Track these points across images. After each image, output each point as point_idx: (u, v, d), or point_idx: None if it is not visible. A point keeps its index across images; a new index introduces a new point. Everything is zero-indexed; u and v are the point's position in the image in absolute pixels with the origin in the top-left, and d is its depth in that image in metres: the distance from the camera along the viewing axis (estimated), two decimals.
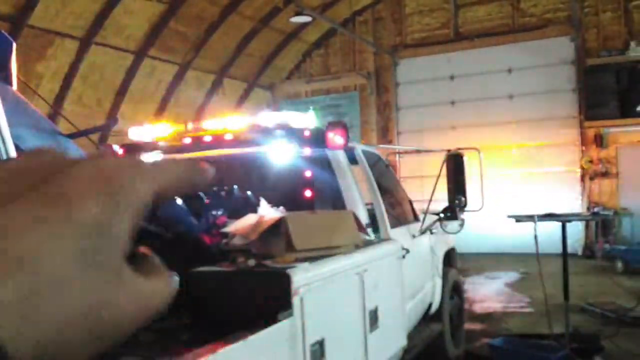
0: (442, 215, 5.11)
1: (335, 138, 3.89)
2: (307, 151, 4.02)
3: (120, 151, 4.44)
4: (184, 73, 13.70)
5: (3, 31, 2.62)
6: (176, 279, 0.39)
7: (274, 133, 4.01)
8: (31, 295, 0.28)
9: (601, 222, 12.47)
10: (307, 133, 3.99)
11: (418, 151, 12.28)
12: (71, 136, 2.94)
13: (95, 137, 4.60)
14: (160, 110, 13.31)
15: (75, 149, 2.85)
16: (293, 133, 4.00)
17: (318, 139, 3.94)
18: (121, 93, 12.44)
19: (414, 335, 4.89)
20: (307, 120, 4.06)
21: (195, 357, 1.89)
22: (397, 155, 14.97)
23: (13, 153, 2.40)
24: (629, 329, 6.56)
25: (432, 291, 5.52)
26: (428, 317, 5.54)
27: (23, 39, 9.21)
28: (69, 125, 3.17)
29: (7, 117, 2.39)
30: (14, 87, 2.61)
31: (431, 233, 5.52)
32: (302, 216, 3.20)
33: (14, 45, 2.54)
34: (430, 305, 5.53)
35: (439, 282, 5.71)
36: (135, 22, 11.80)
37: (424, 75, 15.19)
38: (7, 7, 9.71)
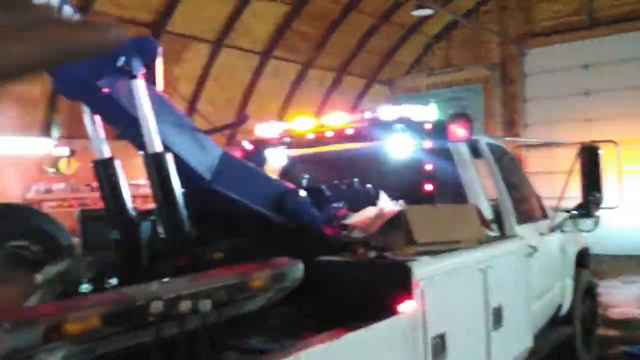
0: (574, 212, 4.82)
1: (458, 130, 3.81)
2: (428, 144, 3.98)
3: (249, 147, 4.67)
4: (307, 72, 14.06)
5: (151, 37, 2.86)
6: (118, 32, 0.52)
7: (394, 127, 4.01)
8: None
9: None
10: (428, 126, 3.95)
11: (548, 144, 11.62)
12: (208, 132, 3.14)
13: (226, 134, 4.86)
14: (284, 108, 13.78)
15: (212, 145, 3.05)
16: (414, 126, 3.98)
17: (440, 131, 3.89)
18: (248, 93, 13.03)
19: (541, 337, 4.67)
20: (429, 113, 4.01)
21: (319, 342, 1.96)
22: (524, 149, 14.28)
23: (159, 147, 2.62)
24: None
25: (561, 292, 5.23)
26: (557, 320, 5.25)
27: (162, 44, 9.93)
28: (205, 124, 3.40)
29: (154, 114, 2.62)
30: (159, 87, 2.85)
31: (562, 231, 5.23)
32: (423, 209, 3.18)
33: (160, 49, 2.76)
34: (559, 307, 5.24)
35: (569, 283, 5.40)
36: (262, 24, 12.31)
37: (554, 64, 14.34)
38: (147, 15, 10.55)
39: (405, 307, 2.46)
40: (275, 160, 4.69)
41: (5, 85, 0.48)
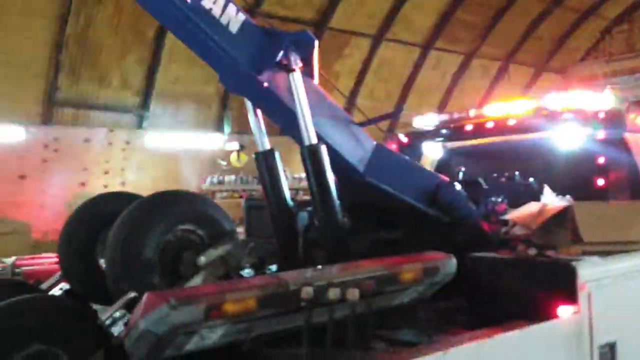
0: None
1: (638, 119, 3.42)
2: (601, 134, 3.62)
3: (405, 139, 4.63)
4: (469, 62, 13.61)
5: (308, 31, 2.96)
6: None
7: (562, 116, 3.71)
8: None
9: None
10: (601, 115, 3.59)
11: None
12: (362, 124, 3.17)
13: (384, 127, 4.89)
14: (445, 101, 13.48)
15: (365, 137, 3.08)
16: (585, 115, 3.64)
17: (615, 120, 3.52)
18: (408, 86, 12.96)
19: None
20: (602, 100, 3.65)
21: (469, 339, 1.89)
22: None
23: (314, 139, 2.71)
24: None
25: None
26: None
27: (324, 41, 10.27)
28: (363, 118, 3.44)
29: (310, 107, 2.71)
30: (316, 81, 2.93)
31: None
32: (592, 206, 2.91)
33: (316, 43, 2.84)
34: None
35: None
36: (423, 15, 12.15)
37: None
38: (311, 13, 10.95)
39: (567, 311, 2.27)
40: (432, 153, 4.60)
41: None
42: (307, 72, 2.83)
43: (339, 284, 1.97)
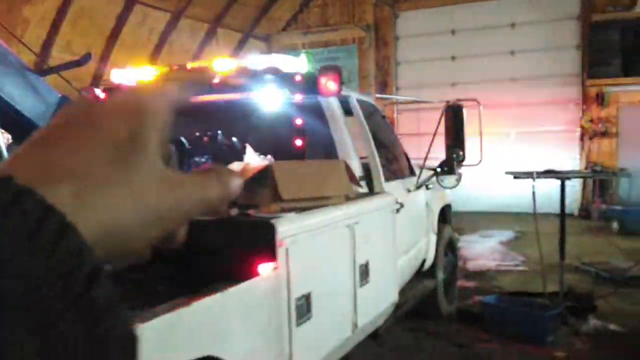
0: (438, 169, 4.93)
1: (328, 84, 3.66)
2: (299, 97, 3.80)
3: (102, 95, 4.21)
4: (177, 21, 13.27)
5: None
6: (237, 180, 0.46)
7: (263, 77, 3.78)
8: (81, 194, 0.36)
9: (598, 182, 12.35)
10: (298, 78, 3.76)
11: (416, 102, 12.00)
12: (43, 73, 2.71)
13: (77, 82, 4.36)
14: (153, 59, 12.94)
15: (47, 89, 2.64)
16: (283, 77, 3.77)
17: (310, 84, 3.71)
18: (112, 40, 12.04)
19: (406, 291, 4.78)
20: (299, 64, 3.82)
21: (165, 311, 1.73)
22: (395, 111, 14.70)
23: None
24: (623, 289, 6.50)
25: (426, 247, 5.40)
26: (421, 273, 5.43)
27: None
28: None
29: None
30: None
31: (427, 188, 5.36)
32: (290, 164, 3.02)
33: None
34: (424, 262, 5.42)
35: (433, 238, 5.59)
36: None
37: (424, 29, 14.78)
38: None
39: (267, 268, 2.29)
40: None
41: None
42: None
43: None
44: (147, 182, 0.39)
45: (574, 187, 12.16)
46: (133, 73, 4.15)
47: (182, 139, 3.28)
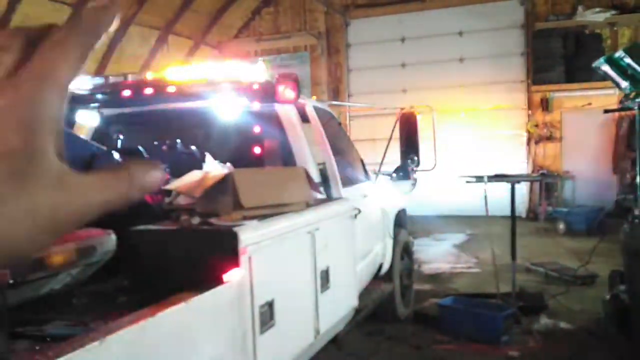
0: (394, 175, 5.02)
1: (286, 92, 3.68)
2: (256, 105, 3.81)
3: None
4: (127, 28, 13.03)
5: None
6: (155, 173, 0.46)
7: (221, 86, 3.77)
8: None
9: (545, 185, 12.78)
10: (256, 87, 3.76)
11: (371, 108, 12.15)
12: None
13: None
14: (102, 66, 12.66)
15: None
16: (241, 86, 3.77)
17: (268, 92, 3.72)
18: None
19: (365, 296, 4.84)
20: (256, 72, 3.83)
21: (130, 322, 1.71)
22: (348, 118, 14.84)
23: None
24: (571, 288, 6.75)
25: (383, 252, 5.47)
26: (379, 278, 5.51)
27: None
28: None
29: None
30: None
31: (382, 194, 5.44)
32: (251, 172, 3.02)
33: None
34: (381, 266, 5.49)
35: (389, 242, 5.67)
36: None
37: (375, 36, 15.00)
38: None
39: (230, 276, 2.29)
40: (86, 120, 4.19)
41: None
42: None
43: None
44: (43, 191, 0.38)
45: (521, 190, 12.55)
46: (87, 82, 4.06)
47: (140, 148, 3.23)
